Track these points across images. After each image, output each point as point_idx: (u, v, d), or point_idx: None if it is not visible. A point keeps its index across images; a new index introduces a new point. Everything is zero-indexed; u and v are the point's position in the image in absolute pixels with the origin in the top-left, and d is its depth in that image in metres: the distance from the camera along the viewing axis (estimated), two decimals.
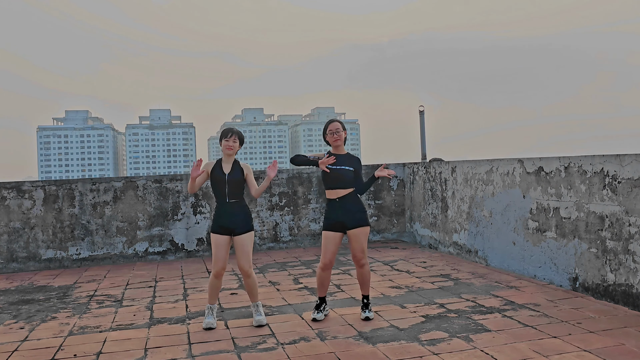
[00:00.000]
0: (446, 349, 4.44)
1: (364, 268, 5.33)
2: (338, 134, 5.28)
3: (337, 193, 5.25)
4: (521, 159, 6.94)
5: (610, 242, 5.54)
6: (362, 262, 5.29)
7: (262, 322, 5.26)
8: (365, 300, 5.41)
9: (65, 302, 6.54)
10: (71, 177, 60.82)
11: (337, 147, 5.33)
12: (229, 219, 5.19)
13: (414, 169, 9.98)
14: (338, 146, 5.32)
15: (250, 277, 5.30)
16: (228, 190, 5.21)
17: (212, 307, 5.36)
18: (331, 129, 5.30)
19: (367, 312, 5.33)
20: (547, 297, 5.84)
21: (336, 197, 5.25)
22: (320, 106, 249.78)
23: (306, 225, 9.93)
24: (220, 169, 5.26)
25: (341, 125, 5.35)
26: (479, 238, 7.88)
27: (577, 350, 4.29)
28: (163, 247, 9.32)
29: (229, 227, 5.20)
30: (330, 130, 5.30)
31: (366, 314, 5.32)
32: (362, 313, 5.36)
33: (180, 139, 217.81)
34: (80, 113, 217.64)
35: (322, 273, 5.35)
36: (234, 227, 5.20)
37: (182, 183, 9.44)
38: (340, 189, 5.24)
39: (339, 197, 5.24)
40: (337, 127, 5.29)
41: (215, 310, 5.37)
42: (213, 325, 5.24)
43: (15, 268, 8.74)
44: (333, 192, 5.27)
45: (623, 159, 5.41)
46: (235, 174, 5.24)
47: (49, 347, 4.89)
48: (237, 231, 5.21)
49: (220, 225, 5.20)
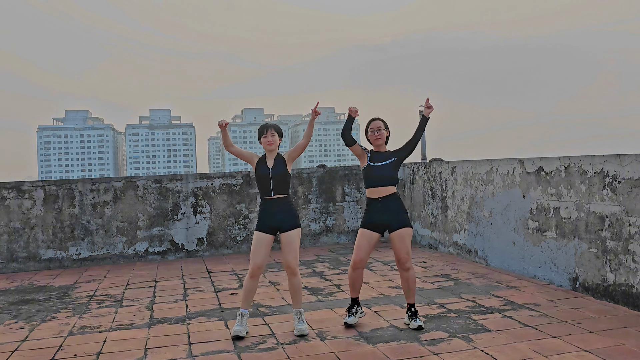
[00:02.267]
0: (446, 349, 4.44)
1: (409, 272, 5.05)
2: (380, 132, 5.12)
3: (379, 192, 5.07)
4: (521, 159, 6.94)
5: (610, 242, 5.54)
6: (408, 265, 5.02)
7: (303, 332, 4.93)
8: (413, 309, 5.06)
9: (65, 302, 6.54)
10: (71, 177, 60.83)
11: (379, 146, 5.18)
12: (275, 216, 5.02)
13: (414, 169, 9.98)
14: (379, 145, 5.17)
15: (296, 276, 5.04)
16: (273, 185, 5.04)
17: (242, 313, 5.01)
18: (372, 127, 5.15)
19: (419, 321, 4.98)
20: (547, 297, 5.84)
21: (378, 196, 5.07)
22: (320, 106, 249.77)
23: (306, 225, 9.93)
24: (265, 164, 5.10)
25: (383, 124, 5.18)
26: (479, 238, 7.88)
27: (577, 350, 4.29)
28: (163, 247, 9.32)
29: (275, 226, 5.03)
30: (372, 128, 5.15)
31: (418, 322, 4.96)
32: (413, 322, 4.99)
33: (180, 139, 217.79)
34: (80, 113, 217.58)
35: (353, 273, 5.15)
36: (280, 224, 5.03)
37: (182, 183, 9.44)
38: (382, 186, 5.06)
39: (381, 196, 5.07)
40: (379, 126, 5.14)
41: (246, 316, 5.02)
42: (241, 334, 4.91)
43: (15, 268, 8.74)
44: (375, 190, 5.08)
45: (623, 159, 5.41)
46: (279, 167, 5.07)
47: (49, 347, 4.89)
48: (283, 227, 5.03)
49: (266, 224, 5.02)
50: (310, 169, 10.12)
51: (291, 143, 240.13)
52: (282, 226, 5.04)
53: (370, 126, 5.19)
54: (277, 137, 5.14)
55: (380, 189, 5.08)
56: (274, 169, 5.07)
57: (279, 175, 5.06)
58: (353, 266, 5.14)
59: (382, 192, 5.08)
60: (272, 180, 5.04)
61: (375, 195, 5.09)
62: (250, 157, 5.20)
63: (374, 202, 5.10)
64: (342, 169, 10.28)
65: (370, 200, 5.14)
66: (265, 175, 5.06)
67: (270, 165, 5.10)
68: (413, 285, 5.10)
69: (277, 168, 5.08)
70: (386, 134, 5.18)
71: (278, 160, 5.13)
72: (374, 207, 5.10)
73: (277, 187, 5.06)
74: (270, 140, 5.10)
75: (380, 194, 5.08)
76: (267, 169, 5.08)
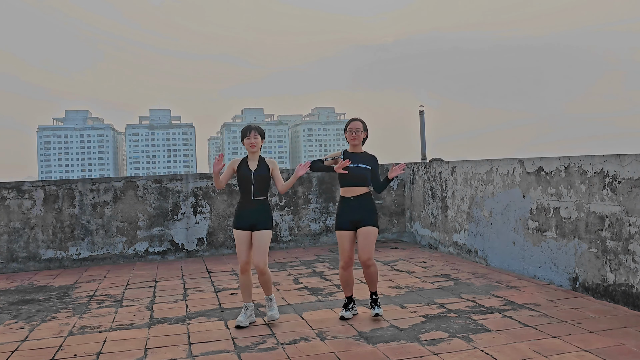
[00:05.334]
0: (446, 349, 4.44)
1: (370, 269, 5.27)
2: (357, 133, 5.29)
3: (353, 191, 5.24)
4: (521, 159, 6.94)
5: (610, 242, 5.54)
6: (369, 262, 5.23)
7: (274, 317, 5.28)
8: (374, 296, 5.37)
9: (65, 302, 6.54)
10: (71, 177, 60.83)
11: (355, 146, 5.34)
12: (251, 215, 5.20)
13: (414, 169, 9.98)
14: (355, 145, 5.33)
15: (265, 274, 5.26)
16: (254, 187, 5.22)
17: (246, 305, 5.31)
18: (351, 127, 5.32)
19: (377, 309, 5.28)
20: (547, 297, 5.84)
21: (352, 195, 5.24)
22: (321, 106, 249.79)
23: (306, 225, 9.94)
24: (247, 166, 5.27)
25: (362, 125, 5.33)
26: (479, 238, 7.88)
27: (577, 350, 4.29)
28: (163, 247, 9.32)
29: (251, 223, 5.21)
30: (350, 128, 5.32)
31: (376, 310, 5.27)
32: (372, 310, 5.30)
33: (180, 139, 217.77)
34: (80, 113, 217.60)
35: (344, 273, 5.34)
36: (255, 223, 5.21)
37: (182, 183, 9.44)
38: (356, 186, 5.23)
39: (355, 195, 5.23)
40: (357, 127, 5.30)
41: (250, 308, 5.31)
42: (243, 324, 5.20)
43: (15, 268, 8.74)
44: (349, 190, 5.25)
45: (623, 159, 5.41)
46: (262, 170, 5.25)
47: (49, 347, 4.89)
48: (257, 227, 5.21)
49: (242, 221, 5.21)
50: None
51: (291, 143, 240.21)
52: (257, 225, 5.22)
53: (350, 126, 5.34)
54: (259, 140, 5.30)
55: (354, 188, 5.25)
56: (256, 171, 5.24)
57: (261, 177, 5.24)
58: (344, 267, 5.33)
59: (355, 192, 5.26)
60: (254, 182, 5.22)
61: (350, 194, 5.26)
62: (232, 169, 5.35)
63: (348, 200, 5.27)
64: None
65: (344, 199, 5.30)
66: (247, 177, 5.23)
67: (252, 167, 5.27)
68: (375, 277, 5.33)
69: (260, 170, 5.25)
70: (364, 135, 5.35)
71: (261, 164, 5.30)
72: (348, 206, 5.26)
73: (257, 188, 5.24)
74: (253, 142, 5.26)
75: (354, 193, 5.26)
76: (250, 170, 5.25)
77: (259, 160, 5.31)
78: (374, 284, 5.36)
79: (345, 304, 5.43)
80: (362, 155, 5.33)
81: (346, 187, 5.26)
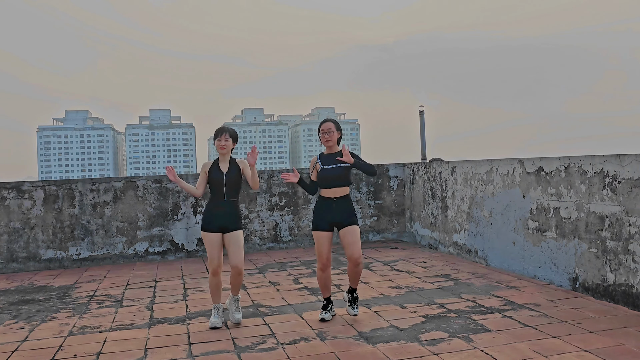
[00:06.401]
0: (446, 349, 4.44)
1: (359, 267, 5.26)
2: (330, 134, 5.26)
3: (334, 192, 5.22)
4: (521, 159, 6.94)
5: (610, 242, 5.54)
6: (359, 261, 5.22)
7: (240, 320, 5.32)
8: (354, 294, 5.35)
9: (65, 302, 6.54)
10: (71, 177, 60.81)
11: (330, 147, 5.32)
12: (222, 217, 5.20)
13: (414, 169, 9.98)
14: (330, 146, 5.31)
15: (241, 274, 5.30)
16: (226, 190, 5.23)
17: (217, 307, 5.34)
18: (323, 129, 5.29)
19: (355, 309, 5.28)
20: (547, 297, 5.84)
21: (334, 196, 5.22)
22: (321, 106, 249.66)
23: (306, 226, 9.93)
24: (218, 169, 5.27)
25: (334, 125, 5.29)
26: (479, 238, 7.88)
27: (577, 350, 4.29)
28: (163, 247, 9.32)
29: (222, 225, 5.20)
30: (322, 130, 5.29)
31: (354, 311, 5.27)
32: (350, 309, 5.30)
33: (180, 139, 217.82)
34: (80, 113, 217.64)
35: (322, 274, 5.32)
36: (226, 225, 5.21)
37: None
38: (337, 187, 5.22)
39: (337, 197, 5.22)
40: (329, 127, 5.27)
41: (221, 309, 5.35)
42: (218, 325, 5.23)
43: (15, 268, 8.74)
44: (330, 191, 5.23)
45: (623, 159, 5.41)
46: (233, 171, 5.25)
47: (49, 347, 4.89)
48: (229, 228, 5.21)
49: (212, 223, 5.20)
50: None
51: (291, 143, 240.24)
52: (228, 227, 5.21)
53: (322, 128, 5.32)
54: (230, 142, 5.30)
55: (336, 189, 5.24)
56: (228, 174, 5.25)
57: (233, 180, 5.24)
58: (322, 268, 5.30)
59: (337, 193, 5.25)
60: (226, 185, 5.23)
61: (331, 195, 5.24)
62: (204, 175, 5.35)
63: (328, 201, 5.24)
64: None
65: (324, 199, 5.26)
66: (219, 180, 5.23)
67: (224, 169, 5.27)
68: (359, 276, 5.32)
69: (231, 172, 5.25)
70: (337, 135, 5.31)
71: (232, 166, 5.30)
72: (328, 207, 5.23)
73: (229, 191, 5.24)
74: (223, 145, 5.26)
75: (335, 194, 5.24)
76: (222, 173, 5.25)
77: (230, 162, 5.30)
78: (357, 281, 5.35)
79: (324, 306, 5.40)
80: (339, 154, 5.29)
81: (327, 188, 5.23)
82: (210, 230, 5.21)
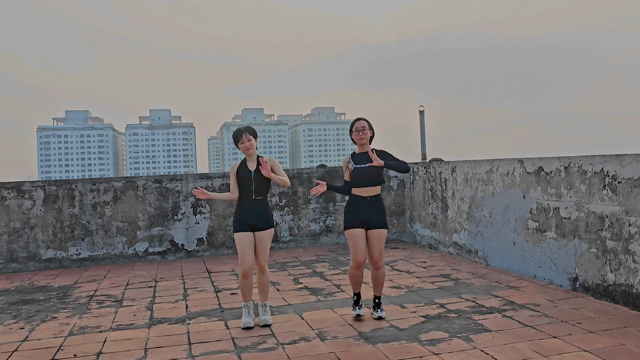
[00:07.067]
0: (446, 349, 4.44)
1: (380, 270, 5.27)
2: (363, 132, 5.26)
3: (367, 191, 5.23)
4: (521, 159, 6.94)
5: (610, 242, 5.54)
6: (379, 264, 5.25)
7: (268, 322, 5.25)
8: (377, 300, 5.39)
9: (65, 302, 6.54)
10: (71, 177, 60.86)
11: (362, 146, 5.32)
12: (252, 215, 5.20)
13: (414, 169, 9.98)
14: (363, 145, 5.31)
15: (265, 273, 5.28)
16: (255, 188, 5.22)
17: (247, 305, 5.31)
18: (357, 127, 5.28)
19: (380, 312, 5.31)
20: (547, 297, 5.84)
21: (367, 195, 5.23)
22: (321, 106, 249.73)
23: (306, 226, 9.93)
24: (246, 167, 5.27)
25: (367, 124, 5.31)
26: (479, 238, 7.88)
27: (577, 350, 4.29)
28: (163, 247, 9.32)
29: (251, 223, 5.21)
30: (356, 128, 5.29)
31: (379, 313, 5.30)
32: (375, 312, 5.32)
33: (180, 139, 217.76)
34: (80, 113, 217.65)
35: (356, 272, 5.31)
36: (255, 223, 5.21)
37: (182, 183, 9.44)
38: (370, 186, 5.23)
39: (370, 195, 5.23)
40: (363, 125, 5.27)
41: (252, 307, 5.33)
42: (250, 325, 5.19)
43: (15, 268, 8.75)
44: (364, 190, 5.23)
45: (623, 159, 5.41)
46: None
47: (49, 347, 4.89)
48: (258, 227, 5.21)
49: (244, 223, 5.20)
50: (310, 169, 10.13)
51: (291, 143, 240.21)
52: (258, 224, 5.22)
53: (355, 126, 5.32)
54: (253, 141, 5.28)
55: (369, 188, 5.25)
56: (256, 171, 5.23)
57: (262, 177, 5.22)
58: (357, 266, 5.28)
59: (370, 192, 5.26)
60: (254, 183, 5.22)
61: (364, 194, 5.25)
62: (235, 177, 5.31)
63: (362, 199, 5.25)
64: (342, 169, 10.28)
65: (357, 198, 5.26)
66: (247, 178, 5.23)
67: (252, 168, 5.26)
68: (382, 280, 5.34)
69: (259, 171, 5.23)
70: (370, 133, 5.32)
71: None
72: (361, 205, 5.24)
73: (258, 189, 5.23)
74: (248, 146, 5.25)
75: (369, 193, 5.25)
76: (250, 172, 5.24)
77: (258, 160, 5.30)
78: (381, 287, 5.36)
79: (355, 301, 5.40)
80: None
81: (360, 187, 5.24)
82: (241, 230, 5.20)
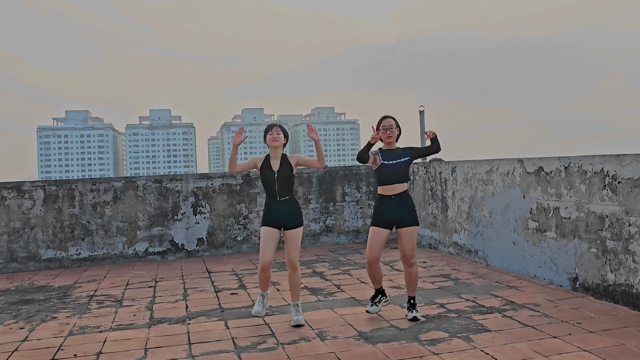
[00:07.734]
0: (446, 349, 4.44)
1: (412, 267, 5.27)
2: (391, 130, 5.26)
3: (392, 189, 5.21)
4: (521, 159, 6.94)
5: (610, 242, 5.54)
6: (412, 260, 5.23)
7: (300, 322, 5.18)
8: (412, 301, 5.32)
9: (65, 302, 6.54)
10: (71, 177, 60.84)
11: (389, 144, 5.32)
12: (280, 214, 5.20)
13: (413, 169, 9.98)
14: (390, 142, 5.30)
15: (297, 271, 5.25)
16: (278, 189, 5.20)
17: (263, 294, 5.44)
18: (384, 125, 5.27)
19: (415, 312, 5.24)
20: (547, 297, 5.84)
21: (392, 193, 5.21)
22: (321, 106, 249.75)
23: (306, 225, 9.93)
24: (269, 167, 5.22)
25: (395, 122, 5.32)
26: (479, 238, 7.88)
27: (577, 350, 4.29)
28: (163, 247, 9.32)
29: (279, 221, 5.21)
30: (384, 126, 5.27)
31: (414, 313, 5.23)
32: (409, 313, 5.26)
33: (180, 139, 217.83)
34: (80, 113, 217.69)
35: (370, 269, 5.32)
36: (285, 222, 5.21)
37: (182, 183, 9.44)
38: (396, 183, 5.20)
39: (395, 194, 5.21)
40: (391, 124, 5.27)
41: (266, 297, 5.45)
42: (261, 314, 5.34)
43: (15, 268, 8.75)
44: (388, 188, 5.21)
45: (623, 159, 5.41)
46: (285, 170, 5.21)
47: (49, 347, 4.89)
48: (288, 225, 5.21)
49: (272, 220, 5.21)
50: (310, 169, 10.12)
51: (291, 143, 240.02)
52: (287, 224, 5.21)
53: (382, 124, 5.30)
54: (282, 136, 5.27)
55: (394, 186, 5.22)
56: (279, 172, 5.20)
57: (284, 178, 5.20)
58: (370, 263, 5.29)
59: (395, 190, 5.22)
60: (277, 184, 5.19)
61: (389, 192, 5.23)
62: (253, 163, 5.33)
63: (387, 199, 5.23)
64: (342, 169, 10.28)
65: (383, 197, 5.25)
66: (271, 179, 5.20)
67: (275, 168, 5.22)
68: (415, 279, 5.31)
69: (283, 171, 5.21)
70: (397, 132, 5.33)
71: (284, 163, 5.24)
72: (387, 204, 5.22)
73: (281, 189, 5.21)
74: (276, 137, 5.23)
75: (394, 191, 5.22)
76: (273, 172, 5.20)
77: (282, 159, 5.25)
78: (414, 287, 5.32)
79: (372, 297, 5.44)
80: (397, 151, 5.30)
81: (385, 185, 5.22)
82: (269, 224, 5.22)
